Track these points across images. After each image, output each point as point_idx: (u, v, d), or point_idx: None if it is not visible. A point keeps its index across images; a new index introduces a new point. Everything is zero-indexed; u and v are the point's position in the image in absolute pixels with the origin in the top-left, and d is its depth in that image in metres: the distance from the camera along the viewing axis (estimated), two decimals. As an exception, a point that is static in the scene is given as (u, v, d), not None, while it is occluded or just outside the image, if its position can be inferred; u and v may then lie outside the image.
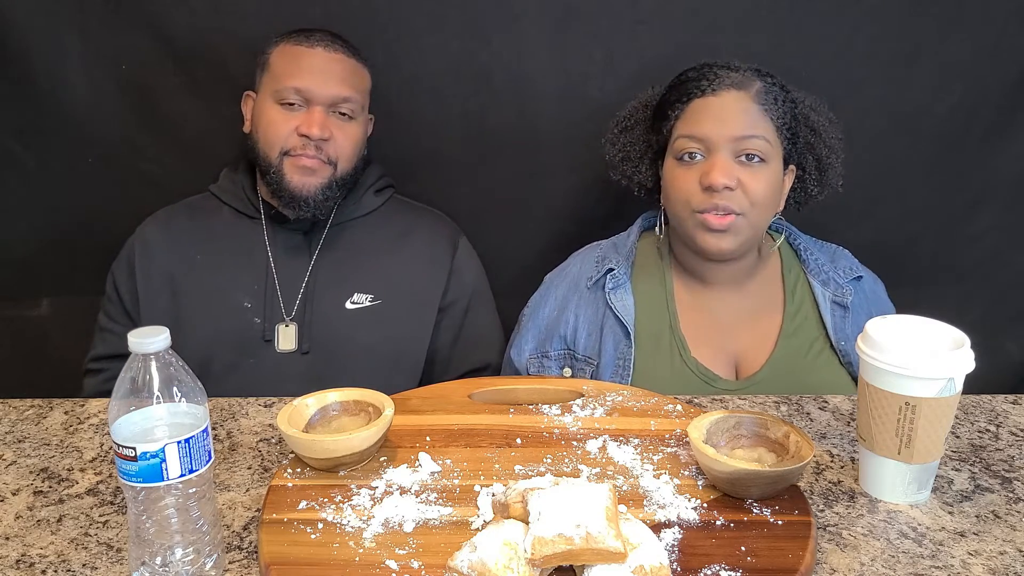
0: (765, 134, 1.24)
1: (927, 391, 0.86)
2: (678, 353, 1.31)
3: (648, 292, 1.35)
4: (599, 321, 1.34)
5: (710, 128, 1.24)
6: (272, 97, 1.39)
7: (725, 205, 1.22)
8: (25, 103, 1.58)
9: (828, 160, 1.35)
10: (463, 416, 1.05)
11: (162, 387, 0.75)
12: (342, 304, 1.44)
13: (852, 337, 1.30)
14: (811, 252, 1.37)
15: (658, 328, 1.33)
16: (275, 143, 1.39)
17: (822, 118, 1.35)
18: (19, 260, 1.67)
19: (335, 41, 1.42)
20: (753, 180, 1.23)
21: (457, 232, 1.55)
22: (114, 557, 0.83)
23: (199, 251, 1.45)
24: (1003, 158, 1.60)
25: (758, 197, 1.24)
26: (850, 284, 1.34)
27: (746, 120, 1.23)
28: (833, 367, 1.29)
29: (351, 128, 1.43)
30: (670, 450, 0.97)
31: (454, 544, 0.76)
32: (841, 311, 1.32)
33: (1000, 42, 1.53)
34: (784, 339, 1.31)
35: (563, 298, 1.38)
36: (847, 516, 0.89)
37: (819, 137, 1.34)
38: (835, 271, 1.35)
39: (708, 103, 1.25)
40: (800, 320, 1.32)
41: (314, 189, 1.40)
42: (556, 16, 1.54)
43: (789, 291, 1.34)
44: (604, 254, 1.39)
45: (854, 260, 1.39)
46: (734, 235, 1.25)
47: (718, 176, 1.21)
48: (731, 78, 1.25)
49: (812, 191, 1.38)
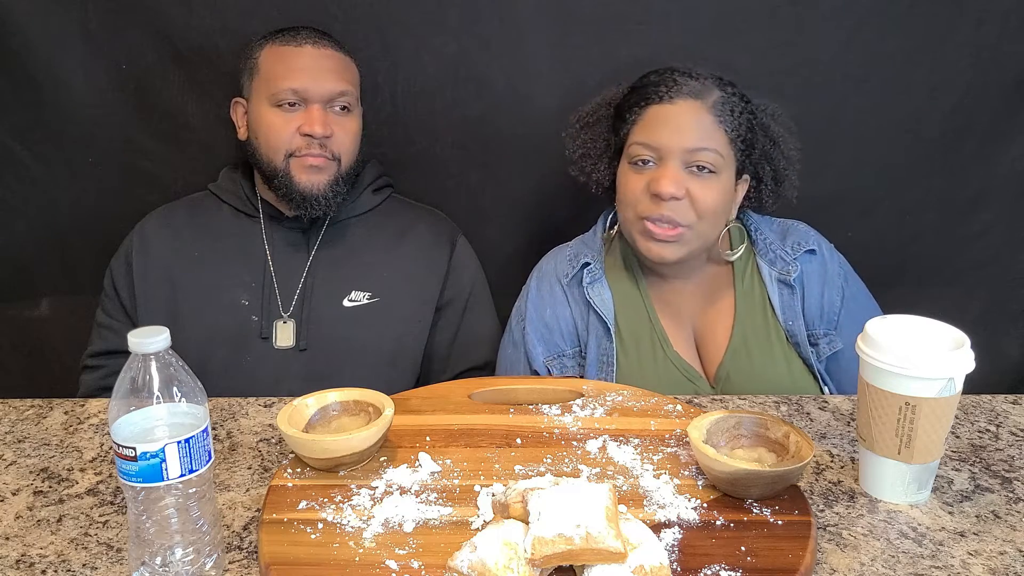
0: (718, 146, 1.24)
1: (927, 391, 0.86)
2: (661, 348, 1.31)
3: (623, 289, 1.36)
4: (584, 317, 1.34)
5: (664, 137, 1.24)
6: (268, 101, 1.39)
7: (670, 216, 1.23)
8: (25, 103, 1.57)
9: (785, 171, 1.34)
10: (463, 416, 1.05)
11: (162, 387, 0.75)
12: (340, 302, 1.44)
13: (800, 315, 1.30)
14: (761, 232, 1.36)
15: (637, 324, 1.33)
16: (279, 147, 1.39)
17: (782, 128, 1.35)
18: (19, 260, 1.67)
19: (322, 37, 1.41)
20: (702, 191, 1.23)
21: (455, 231, 1.55)
22: (114, 557, 0.84)
23: (197, 248, 1.45)
24: (1003, 158, 1.60)
25: (706, 209, 1.24)
26: (799, 260, 1.32)
27: (699, 131, 1.23)
28: (786, 349, 1.29)
29: (350, 122, 1.43)
30: (670, 450, 0.97)
31: (454, 544, 0.76)
32: (788, 289, 1.31)
33: (1000, 42, 1.53)
34: (739, 325, 1.31)
35: (548, 295, 1.37)
36: (847, 516, 0.89)
37: (777, 147, 1.34)
38: (783, 248, 1.33)
39: (664, 111, 1.25)
40: (751, 304, 1.32)
41: (323, 187, 1.40)
42: (555, 16, 1.54)
43: (738, 276, 1.34)
44: (576, 250, 1.39)
45: (808, 234, 1.36)
46: (679, 245, 1.26)
47: (666, 185, 1.22)
48: (689, 86, 1.25)
49: (767, 201, 1.36)
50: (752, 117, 1.29)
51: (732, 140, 1.25)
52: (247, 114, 1.44)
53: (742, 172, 1.30)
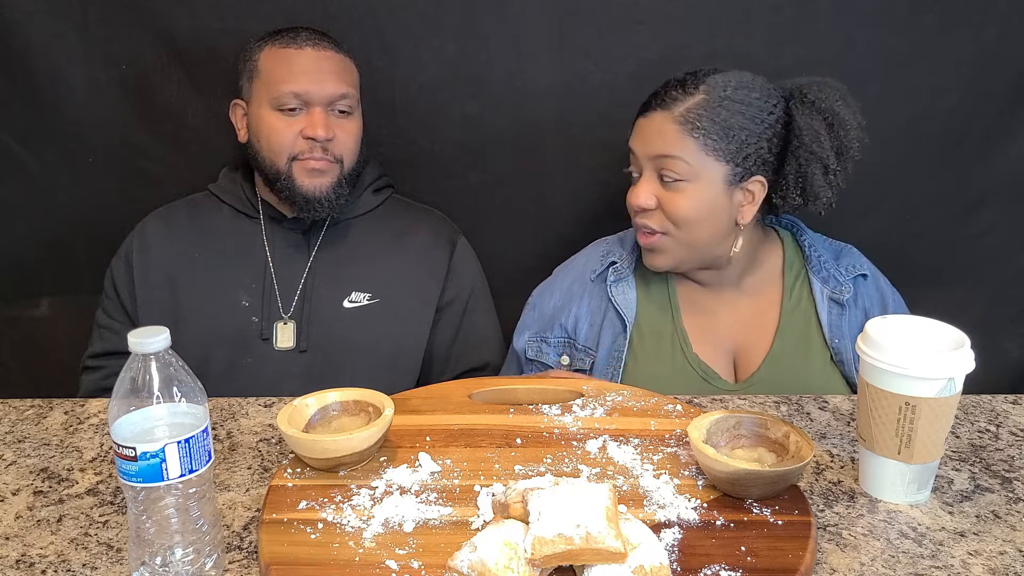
0: (683, 154, 1.23)
1: (927, 391, 0.86)
2: (680, 349, 1.32)
3: (651, 287, 1.37)
4: (601, 313, 1.36)
5: (636, 147, 1.28)
6: (269, 104, 1.38)
7: (644, 224, 1.28)
8: (25, 103, 1.58)
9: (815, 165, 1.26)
10: (463, 416, 1.05)
11: (162, 387, 0.75)
12: (340, 303, 1.44)
13: (848, 335, 1.30)
14: (815, 249, 1.37)
15: (660, 324, 1.34)
16: (281, 150, 1.39)
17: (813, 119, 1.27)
18: (18, 260, 1.67)
19: (322, 38, 1.41)
20: (672, 201, 1.25)
21: (456, 232, 1.55)
22: (114, 557, 0.84)
23: (198, 249, 1.45)
24: (1003, 158, 1.60)
25: (679, 217, 1.25)
26: (851, 281, 1.33)
27: (661, 141, 1.24)
28: (827, 366, 1.29)
29: (351, 124, 1.43)
30: (670, 450, 0.97)
31: (454, 544, 0.76)
32: (838, 308, 1.31)
33: (1000, 42, 1.53)
34: (780, 337, 1.31)
35: (568, 289, 1.40)
36: (847, 516, 0.89)
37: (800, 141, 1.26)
38: (837, 268, 1.34)
39: (640, 123, 1.29)
40: (797, 317, 1.32)
41: (326, 189, 1.40)
42: (555, 16, 1.54)
43: (788, 289, 1.35)
44: (609, 248, 1.42)
45: (862, 259, 1.38)
46: (662, 253, 1.29)
47: (635, 197, 1.28)
48: (659, 97, 1.26)
49: (795, 201, 1.30)
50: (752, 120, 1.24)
51: (706, 147, 1.23)
52: (247, 116, 1.43)
53: (747, 175, 1.25)
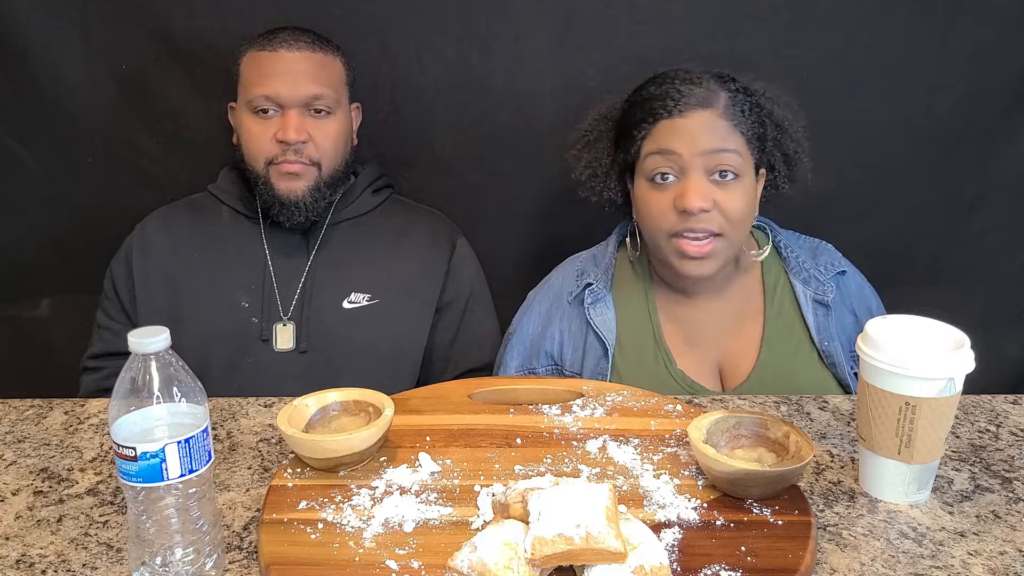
0: (737, 147, 1.20)
1: (927, 391, 0.86)
2: (663, 364, 1.28)
3: (630, 304, 1.32)
4: (583, 336, 1.31)
5: (681, 147, 1.19)
6: (247, 108, 1.39)
7: (703, 228, 1.19)
8: (25, 103, 1.58)
9: (796, 154, 1.30)
10: (463, 416, 1.05)
11: (162, 387, 0.75)
12: (339, 303, 1.43)
13: (836, 336, 1.27)
14: (792, 249, 1.33)
15: (641, 340, 1.30)
16: (258, 154, 1.39)
17: (786, 111, 1.30)
18: (19, 260, 1.67)
19: (299, 39, 1.39)
20: (729, 199, 1.19)
21: (455, 232, 1.55)
22: (114, 557, 0.84)
23: (197, 250, 1.45)
24: (1003, 158, 1.60)
25: (736, 215, 1.20)
26: (832, 280, 1.30)
27: (713, 136, 1.19)
28: (818, 369, 1.27)
29: (329, 125, 1.41)
30: (670, 450, 0.97)
31: (454, 544, 0.76)
32: (823, 310, 1.28)
33: (1000, 42, 1.53)
34: (767, 345, 1.28)
35: (547, 313, 1.35)
36: (847, 516, 0.89)
37: (785, 133, 1.29)
38: (816, 267, 1.31)
39: (676, 124, 1.20)
40: (782, 323, 1.29)
41: (302, 193, 1.39)
42: (555, 17, 1.54)
43: (769, 293, 1.31)
44: (583, 267, 1.36)
45: (837, 254, 1.35)
46: (714, 259, 1.22)
47: (694, 200, 1.17)
48: (696, 96, 1.20)
49: (783, 187, 1.32)
50: (760, 110, 1.25)
51: (749, 139, 1.22)
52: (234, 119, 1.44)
53: (759, 167, 1.26)
